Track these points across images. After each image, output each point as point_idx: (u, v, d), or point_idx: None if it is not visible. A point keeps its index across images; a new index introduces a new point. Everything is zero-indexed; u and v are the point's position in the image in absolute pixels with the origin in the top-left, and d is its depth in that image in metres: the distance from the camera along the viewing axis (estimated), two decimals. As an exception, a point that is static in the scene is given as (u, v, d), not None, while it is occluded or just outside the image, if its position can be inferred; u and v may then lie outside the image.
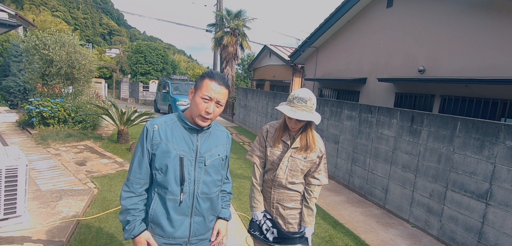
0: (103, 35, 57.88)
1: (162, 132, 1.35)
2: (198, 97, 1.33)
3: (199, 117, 1.34)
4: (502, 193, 3.01)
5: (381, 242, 3.50)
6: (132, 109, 7.06)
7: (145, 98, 21.37)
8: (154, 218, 1.37)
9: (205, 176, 1.41)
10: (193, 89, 1.39)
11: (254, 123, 10.52)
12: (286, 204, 1.82)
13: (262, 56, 17.49)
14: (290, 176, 1.77)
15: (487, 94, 5.07)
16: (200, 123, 1.35)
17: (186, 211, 1.38)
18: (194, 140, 1.39)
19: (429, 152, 3.85)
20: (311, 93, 1.68)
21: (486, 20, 5.04)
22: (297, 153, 1.75)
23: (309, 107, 1.63)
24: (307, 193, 1.84)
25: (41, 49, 7.49)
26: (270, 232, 1.85)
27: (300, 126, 1.72)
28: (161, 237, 1.39)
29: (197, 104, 1.33)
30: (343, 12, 8.05)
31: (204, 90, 1.31)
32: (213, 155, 1.44)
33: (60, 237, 2.74)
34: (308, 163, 1.77)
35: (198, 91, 1.34)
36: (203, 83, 1.33)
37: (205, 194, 1.42)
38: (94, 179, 4.46)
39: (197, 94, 1.34)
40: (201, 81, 1.34)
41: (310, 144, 1.74)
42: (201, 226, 1.45)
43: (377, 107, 4.79)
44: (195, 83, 1.39)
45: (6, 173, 2.65)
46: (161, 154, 1.34)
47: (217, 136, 1.49)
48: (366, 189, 4.92)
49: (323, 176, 1.82)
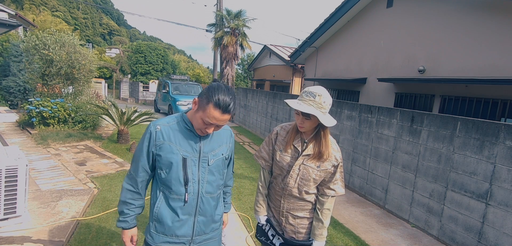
0: (103, 35, 57.89)
1: (165, 132, 1.36)
2: (199, 118, 1.29)
3: (198, 131, 1.35)
4: (502, 193, 3.00)
5: (381, 242, 3.50)
6: (132, 109, 7.06)
7: (145, 98, 21.36)
8: (159, 216, 1.38)
9: (209, 175, 1.42)
10: (197, 101, 1.32)
11: (254, 123, 10.52)
12: (296, 213, 1.68)
13: (262, 56, 17.49)
14: (301, 186, 1.61)
15: (487, 94, 5.07)
16: (199, 133, 1.37)
17: (190, 210, 1.39)
18: (197, 140, 1.39)
19: (429, 152, 3.85)
20: (325, 91, 1.51)
21: (486, 20, 5.04)
22: (310, 161, 1.57)
23: (318, 103, 1.45)
24: (319, 204, 1.66)
25: (41, 49, 7.49)
26: (276, 238, 1.77)
27: (309, 125, 1.54)
28: (165, 236, 1.40)
29: (197, 121, 1.31)
30: (343, 12, 8.05)
31: (206, 116, 1.27)
32: (217, 155, 1.44)
33: (60, 237, 2.74)
34: (322, 172, 1.58)
35: (200, 111, 1.29)
36: (207, 108, 1.25)
37: (209, 193, 1.44)
38: (94, 179, 4.46)
39: (199, 113, 1.29)
40: (206, 104, 1.26)
41: (324, 152, 1.55)
42: (204, 225, 1.46)
43: (377, 107, 4.79)
44: (200, 97, 1.31)
45: (6, 173, 2.65)
46: (164, 154, 1.34)
47: (220, 135, 1.49)
48: (366, 189, 4.92)
49: (339, 186, 1.64)
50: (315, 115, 1.45)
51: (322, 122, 1.46)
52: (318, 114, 1.44)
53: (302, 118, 1.51)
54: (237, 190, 4.59)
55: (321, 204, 1.66)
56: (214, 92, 1.25)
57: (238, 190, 4.59)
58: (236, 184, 4.81)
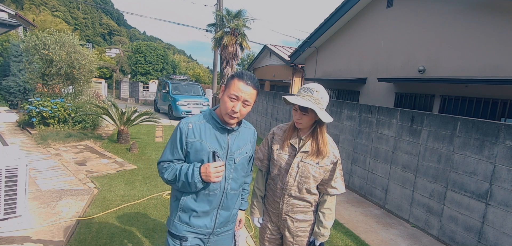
0: (103, 35, 57.88)
1: (196, 130, 1.41)
2: (226, 96, 1.38)
3: (226, 116, 1.39)
4: (502, 193, 3.01)
5: (381, 242, 3.50)
6: (132, 109, 7.06)
7: (145, 98, 21.36)
8: (184, 207, 1.44)
9: (234, 173, 1.48)
10: (223, 88, 1.43)
11: (254, 123, 10.51)
12: (295, 215, 1.66)
13: (262, 56, 17.48)
14: (301, 184, 1.59)
15: (487, 94, 5.07)
16: (228, 120, 1.39)
17: (215, 204, 1.46)
18: (225, 139, 1.44)
19: (429, 152, 3.85)
20: (322, 88, 1.54)
21: (486, 20, 5.04)
22: (308, 158, 1.57)
23: (316, 99, 1.48)
24: (321, 204, 1.66)
25: (41, 49, 7.49)
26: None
27: (307, 121, 1.55)
28: (188, 226, 1.44)
29: (225, 102, 1.38)
30: (343, 12, 8.05)
31: (231, 90, 1.36)
32: (242, 153, 1.50)
33: (60, 237, 2.74)
34: (321, 169, 1.58)
35: (226, 90, 1.39)
36: (231, 83, 1.38)
37: (233, 190, 1.51)
38: (94, 179, 4.46)
39: (225, 93, 1.39)
40: (230, 81, 1.39)
41: (321, 148, 1.56)
42: (225, 218, 1.53)
43: (377, 107, 4.79)
44: (225, 83, 1.43)
45: (6, 172, 2.65)
46: (195, 152, 1.40)
47: (246, 134, 1.55)
48: (366, 189, 4.91)
49: (340, 184, 1.64)
50: (313, 109, 1.47)
51: (320, 117, 1.48)
52: (315, 108, 1.47)
53: (300, 114, 1.54)
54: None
55: (322, 203, 1.67)
56: (236, 72, 1.43)
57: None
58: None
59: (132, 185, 4.37)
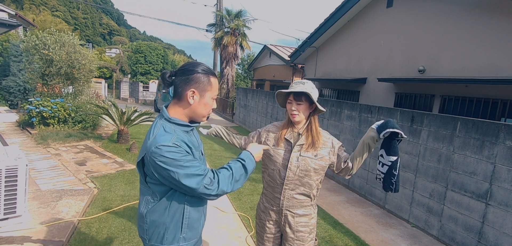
0: (103, 35, 57.89)
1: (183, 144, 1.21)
2: (209, 98, 1.28)
3: (203, 118, 1.33)
4: (502, 193, 3.01)
5: (381, 242, 3.50)
6: (132, 109, 7.06)
7: (145, 98, 21.38)
8: (190, 222, 1.33)
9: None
10: (190, 94, 1.23)
11: (254, 123, 10.52)
12: (295, 210, 1.68)
13: (262, 56, 17.48)
14: (302, 177, 1.62)
15: (487, 94, 5.07)
16: (203, 120, 1.35)
17: (204, 210, 1.45)
18: (192, 136, 1.36)
19: (429, 152, 3.85)
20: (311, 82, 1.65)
21: (486, 20, 5.04)
22: (306, 151, 1.62)
23: (307, 88, 1.58)
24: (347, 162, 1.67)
25: (41, 49, 7.49)
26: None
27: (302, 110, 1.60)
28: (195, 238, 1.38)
29: (207, 105, 1.29)
30: (343, 12, 8.05)
31: (214, 91, 1.31)
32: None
33: (60, 237, 2.74)
34: (320, 160, 1.62)
35: (208, 92, 1.27)
36: (211, 82, 1.28)
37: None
38: (94, 179, 4.46)
39: (206, 95, 1.27)
40: (207, 83, 1.26)
41: (315, 139, 1.62)
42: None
43: (377, 107, 4.79)
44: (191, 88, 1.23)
45: (6, 172, 2.65)
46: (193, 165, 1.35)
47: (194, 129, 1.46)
48: (366, 189, 4.92)
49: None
50: (307, 97, 1.57)
51: (314, 100, 1.56)
52: (310, 91, 1.55)
53: (296, 104, 1.60)
54: (237, 190, 4.58)
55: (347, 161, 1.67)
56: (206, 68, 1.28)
57: (238, 190, 4.59)
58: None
59: (132, 185, 4.37)
